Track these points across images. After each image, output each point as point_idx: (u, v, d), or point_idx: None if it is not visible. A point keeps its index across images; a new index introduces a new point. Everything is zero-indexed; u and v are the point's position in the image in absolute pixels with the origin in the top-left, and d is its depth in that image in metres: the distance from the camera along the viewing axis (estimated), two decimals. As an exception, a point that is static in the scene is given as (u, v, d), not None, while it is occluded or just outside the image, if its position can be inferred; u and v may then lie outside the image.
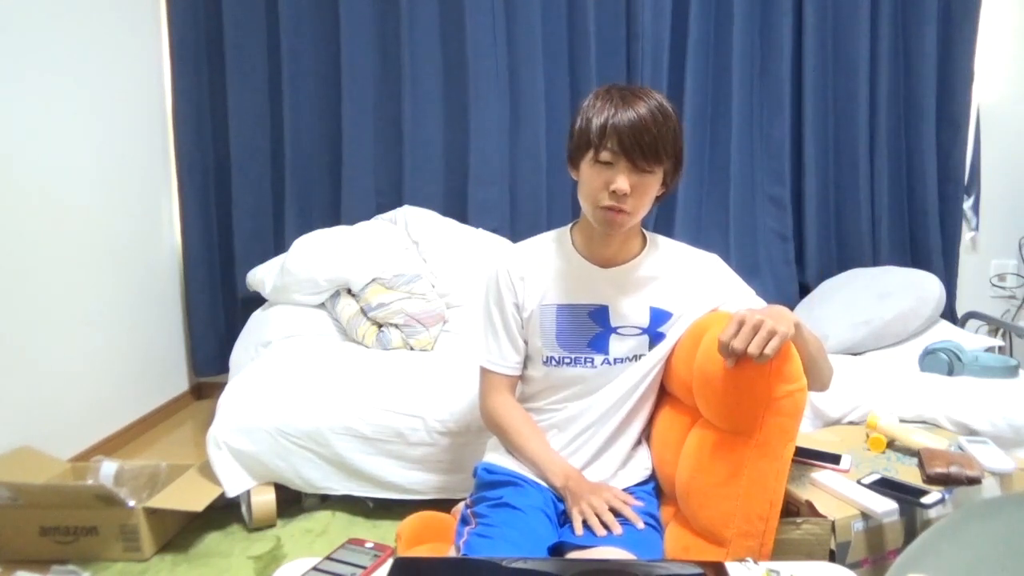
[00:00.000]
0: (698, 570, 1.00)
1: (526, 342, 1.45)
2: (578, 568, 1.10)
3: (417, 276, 2.59)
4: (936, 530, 0.95)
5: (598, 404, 1.40)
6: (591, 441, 1.41)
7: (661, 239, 1.47)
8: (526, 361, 1.47)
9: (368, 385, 2.17)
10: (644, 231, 1.45)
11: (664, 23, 2.86)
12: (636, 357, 1.39)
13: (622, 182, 1.25)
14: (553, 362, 1.41)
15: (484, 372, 1.48)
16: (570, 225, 1.46)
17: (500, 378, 1.46)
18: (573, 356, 1.39)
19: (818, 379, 1.29)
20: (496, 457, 1.46)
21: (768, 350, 1.12)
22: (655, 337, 1.40)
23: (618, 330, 1.38)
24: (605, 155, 1.25)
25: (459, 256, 2.75)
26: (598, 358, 1.39)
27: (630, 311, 1.38)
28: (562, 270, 1.41)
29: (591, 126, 1.27)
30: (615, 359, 1.39)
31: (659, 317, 1.39)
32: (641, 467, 1.44)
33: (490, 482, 1.40)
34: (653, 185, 1.29)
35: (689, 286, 1.41)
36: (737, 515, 1.21)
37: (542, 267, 1.42)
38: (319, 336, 2.59)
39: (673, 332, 1.40)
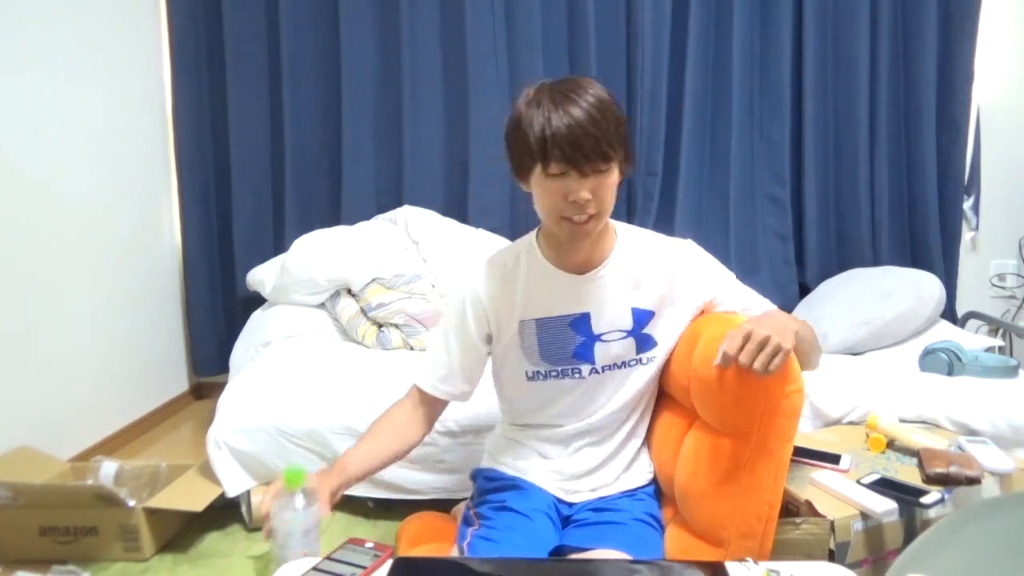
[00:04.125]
0: (698, 570, 1.00)
1: (486, 369, 1.40)
2: (578, 569, 1.10)
3: (417, 276, 2.59)
4: (936, 530, 0.95)
5: (598, 418, 1.37)
6: (598, 452, 1.39)
7: (632, 231, 1.39)
8: (505, 383, 1.42)
9: (368, 385, 2.16)
10: (613, 223, 1.36)
11: (664, 23, 2.86)
12: (625, 364, 1.35)
13: (582, 192, 1.17)
14: (540, 376, 1.35)
15: (414, 387, 1.41)
16: (535, 232, 1.37)
17: (424, 395, 1.39)
18: (560, 368, 1.34)
19: (807, 364, 1.27)
20: (495, 464, 1.44)
21: (772, 367, 1.11)
22: (641, 340, 1.34)
23: (602, 337, 1.33)
24: (553, 167, 1.17)
25: (459, 256, 2.75)
26: (585, 368, 1.34)
27: (612, 315, 1.32)
28: (535, 283, 1.33)
29: (529, 140, 1.18)
30: (603, 367, 1.34)
31: (641, 317, 1.34)
32: (644, 471, 1.43)
33: (491, 487, 1.39)
34: (611, 180, 1.21)
35: (667, 281, 1.34)
36: (736, 516, 1.21)
37: (513, 285, 1.34)
38: (319, 336, 2.59)
39: (659, 333, 1.35)
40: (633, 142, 1.31)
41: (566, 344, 1.33)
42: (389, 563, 0.99)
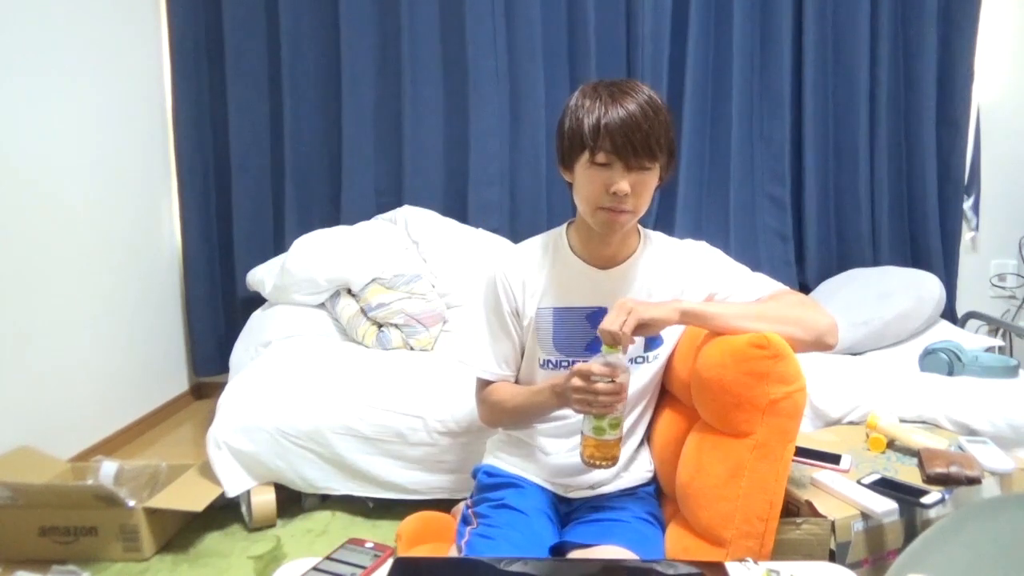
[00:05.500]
0: (698, 570, 1.00)
1: (523, 346, 1.43)
2: (578, 569, 1.10)
3: (417, 276, 2.59)
4: (936, 530, 0.95)
5: None
6: None
7: (655, 235, 1.45)
8: (523, 365, 1.45)
9: (368, 385, 2.17)
10: (639, 227, 1.42)
11: (664, 23, 2.86)
12: (632, 360, 1.37)
13: (623, 183, 1.22)
14: (550, 365, 1.39)
15: (480, 381, 1.46)
16: (565, 225, 1.43)
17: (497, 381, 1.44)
18: (571, 359, 1.36)
19: (795, 339, 1.23)
20: (496, 460, 1.45)
21: (626, 327, 1.17)
22: (650, 338, 1.37)
23: None
24: (601, 156, 1.22)
25: (459, 256, 2.75)
26: None
27: None
28: (559, 273, 1.38)
29: (583, 127, 1.23)
30: None
31: None
32: (643, 469, 1.43)
33: (491, 484, 1.40)
34: (651, 182, 1.27)
35: (678, 281, 1.38)
36: (737, 516, 1.21)
37: (539, 270, 1.39)
38: (319, 336, 2.59)
39: (666, 332, 1.37)
40: (676, 151, 1.34)
41: (581, 336, 1.37)
42: (389, 563, 0.99)
